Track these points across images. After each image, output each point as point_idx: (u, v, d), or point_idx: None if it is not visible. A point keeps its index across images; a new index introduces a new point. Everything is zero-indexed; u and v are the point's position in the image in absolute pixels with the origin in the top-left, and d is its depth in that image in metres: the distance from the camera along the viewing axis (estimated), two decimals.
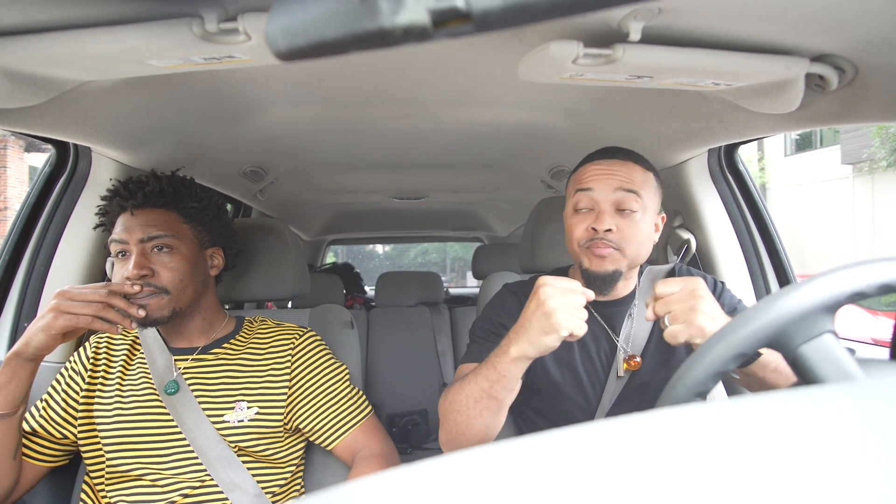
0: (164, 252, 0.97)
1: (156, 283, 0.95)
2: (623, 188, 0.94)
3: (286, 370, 1.07)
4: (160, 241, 0.97)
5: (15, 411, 0.90)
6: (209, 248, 1.07)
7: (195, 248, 1.02)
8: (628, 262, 0.96)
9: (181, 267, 0.98)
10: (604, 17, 0.76)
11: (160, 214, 0.99)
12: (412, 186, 2.52)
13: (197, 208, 1.03)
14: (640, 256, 0.98)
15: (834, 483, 0.21)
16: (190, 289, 1.00)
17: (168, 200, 1.00)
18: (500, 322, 1.03)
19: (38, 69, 0.77)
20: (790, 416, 0.27)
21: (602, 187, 0.95)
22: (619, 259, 0.95)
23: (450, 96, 1.25)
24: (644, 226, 0.96)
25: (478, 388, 0.84)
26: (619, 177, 0.95)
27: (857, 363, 0.48)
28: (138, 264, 0.94)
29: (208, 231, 1.06)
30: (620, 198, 0.95)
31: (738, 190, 1.43)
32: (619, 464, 0.23)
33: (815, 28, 0.77)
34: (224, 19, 0.69)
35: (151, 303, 0.94)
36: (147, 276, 0.94)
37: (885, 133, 9.05)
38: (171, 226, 0.99)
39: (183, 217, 1.02)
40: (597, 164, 0.98)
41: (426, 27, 0.26)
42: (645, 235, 0.97)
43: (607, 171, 0.96)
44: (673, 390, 0.52)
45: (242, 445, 1.00)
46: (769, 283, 1.41)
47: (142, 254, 0.95)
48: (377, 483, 0.23)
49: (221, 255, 1.09)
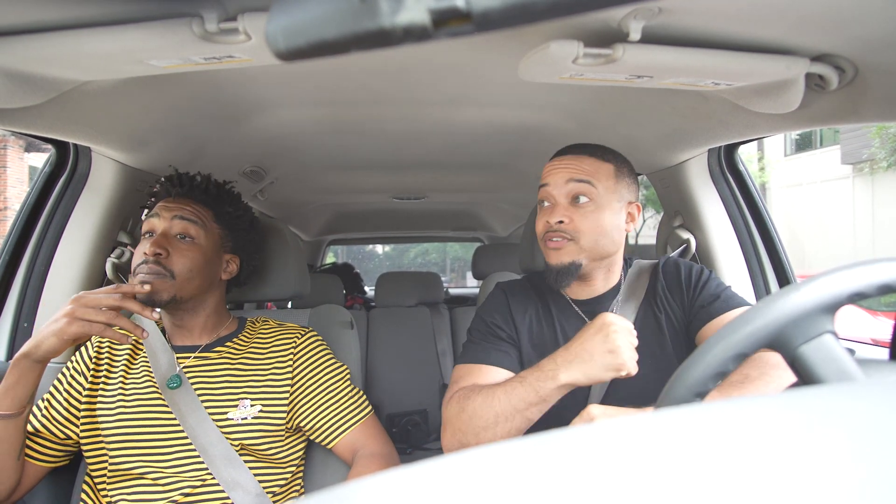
0: (184, 241, 1.02)
1: (166, 265, 0.98)
2: (574, 178, 0.96)
3: (288, 369, 1.07)
4: (187, 225, 1.02)
5: (21, 412, 0.91)
6: (229, 253, 1.10)
7: (216, 247, 1.06)
8: (588, 254, 0.97)
9: (196, 257, 1.02)
10: (604, 17, 0.76)
11: (197, 206, 1.05)
12: (412, 186, 2.52)
13: (231, 214, 1.09)
14: (599, 247, 0.97)
15: (834, 483, 0.21)
16: (196, 281, 1.02)
17: (209, 198, 1.07)
18: (493, 322, 1.04)
19: (38, 69, 0.77)
20: (790, 416, 0.27)
21: (555, 181, 0.98)
22: (575, 251, 0.96)
23: (450, 96, 1.25)
24: (601, 216, 0.96)
25: (511, 407, 0.84)
26: (570, 169, 0.97)
27: (856, 363, 0.48)
28: (157, 243, 0.98)
29: (233, 239, 1.10)
30: (572, 189, 0.96)
31: (738, 190, 1.43)
32: (619, 464, 0.23)
33: (815, 28, 0.77)
34: (224, 19, 0.69)
35: (156, 282, 0.97)
36: (161, 255, 0.98)
37: (885, 133, 9.06)
38: (202, 218, 1.04)
39: (216, 217, 1.07)
40: (553, 160, 1.02)
41: (426, 27, 0.26)
42: (603, 225, 0.96)
43: (559, 166, 0.99)
44: (672, 391, 0.52)
45: (246, 443, 1.00)
46: (769, 283, 1.41)
47: (165, 234, 1.01)
48: (377, 483, 0.23)
49: (237, 265, 1.12)
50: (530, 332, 1.04)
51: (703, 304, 0.97)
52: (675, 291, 1.01)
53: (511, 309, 1.05)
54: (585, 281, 1.04)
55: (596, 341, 0.80)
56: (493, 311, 1.06)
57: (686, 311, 1.00)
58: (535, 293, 1.08)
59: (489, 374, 0.97)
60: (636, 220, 1.01)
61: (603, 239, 0.97)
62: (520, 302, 1.07)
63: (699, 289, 0.99)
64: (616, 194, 0.98)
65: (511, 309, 1.05)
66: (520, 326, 1.04)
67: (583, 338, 0.82)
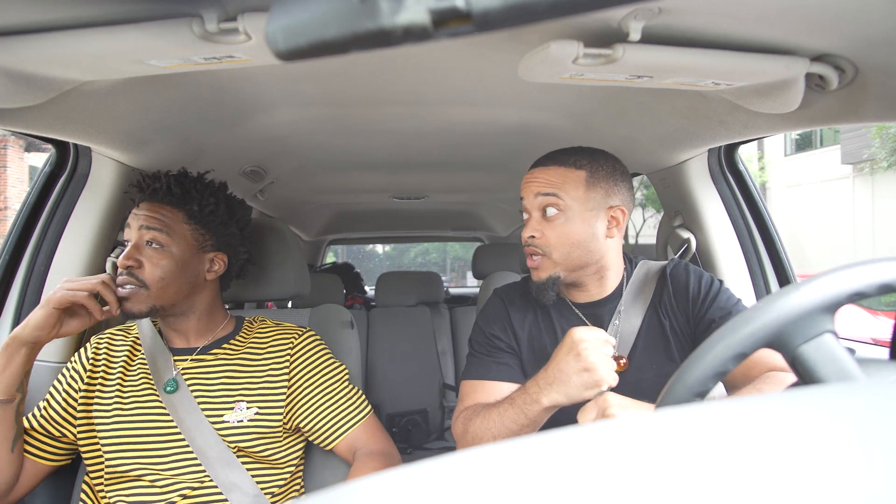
0: (153, 248, 0.99)
1: (137, 276, 0.97)
2: (541, 192, 0.95)
3: (285, 370, 1.07)
4: (153, 234, 0.99)
5: (11, 399, 0.91)
6: (211, 252, 1.06)
7: (191, 249, 1.02)
8: (563, 266, 0.96)
9: (167, 265, 0.99)
10: (604, 17, 0.76)
11: (163, 210, 1.01)
12: (412, 186, 2.51)
13: (202, 212, 1.03)
14: (572, 259, 0.95)
15: (834, 483, 0.21)
16: (172, 288, 1.00)
17: (175, 199, 1.01)
18: (491, 333, 1.03)
19: (38, 69, 0.77)
20: (790, 416, 0.27)
21: (527, 194, 0.98)
22: (550, 265, 0.95)
23: (450, 96, 1.25)
24: (570, 227, 0.94)
25: (505, 429, 0.85)
26: (538, 181, 0.97)
27: (856, 363, 0.48)
28: (128, 254, 0.97)
29: (212, 235, 1.05)
30: (541, 202, 0.96)
31: (738, 190, 1.43)
32: (619, 464, 0.23)
33: (815, 28, 0.77)
34: (224, 19, 0.69)
35: (131, 295, 0.97)
36: (133, 267, 0.97)
37: (885, 133, 9.05)
38: (169, 223, 1.00)
39: (186, 217, 1.02)
40: (528, 172, 1.00)
41: (426, 27, 0.26)
42: (573, 237, 0.94)
43: (530, 179, 0.98)
44: (672, 391, 0.52)
45: (242, 446, 1.00)
46: (769, 282, 1.41)
47: (136, 245, 0.98)
48: (377, 483, 0.23)
49: (224, 261, 1.08)
50: (530, 337, 1.04)
51: (713, 319, 0.94)
52: (682, 300, 0.98)
53: (510, 317, 1.05)
54: (578, 287, 1.02)
55: (569, 361, 0.78)
56: (491, 322, 1.05)
57: (691, 322, 0.97)
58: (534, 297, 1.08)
59: (492, 389, 0.97)
60: (621, 224, 0.98)
61: (576, 251, 0.95)
62: (518, 309, 1.06)
63: (708, 302, 0.96)
64: (589, 202, 0.95)
65: (510, 317, 1.05)
66: (519, 333, 1.03)
67: (557, 358, 0.80)
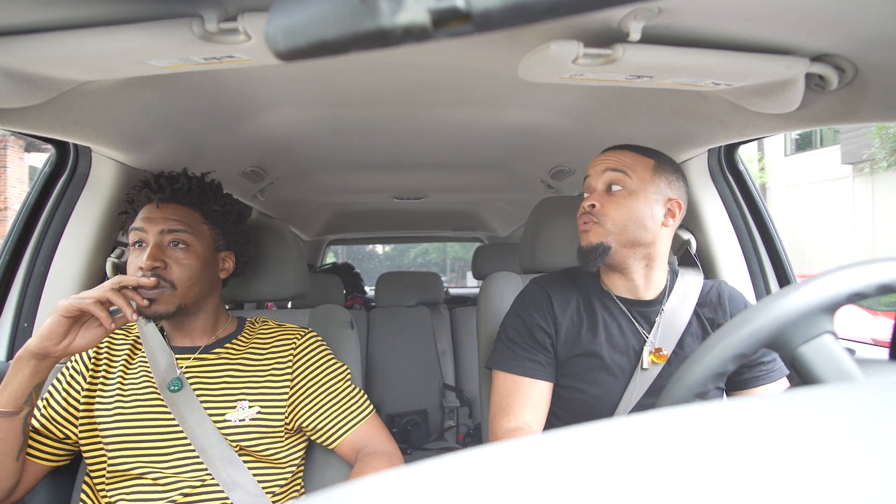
0: (179, 248, 1.00)
1: (166, 277, 0.97)
2: (610, 168, 1.02)
3: (287, 370, 1.07)
4: (178, 235, 0.99)
5: (18, 411, 0.90)
6: (223, 251, 1.09)
7: (210, 249, 1.05)
8: (615, 237, 0.99)
9: (193, 265, 1.00)
10: (604, 17, 0.76)
11: (184, 211, 1.02)
12: (412, 186, 2.52)
13: (219, 212, 1.06)
14: (627, 232, 0.99)
15: (833, 484, 0.21)
16: (197, 287, 1.01)
17: (194, 200, 1.03)
18: (532, 322, 1.05)
19: (38, 69, 0.77)
20: (789, 416, 0.27)
21: (595, 172, 1.04)
22: (602, 233, 0.99)
23: (450, 96, 1.25)
24: (632, 203, 0.99)
25: None
26: (609, 160, 1.03)
27: (856, 363, 0.48)
28: (153, 256, 0.96)
29: (225, 235, 1.08)
30: (608, 178, 1.02)
31: (738, 190, 1.43)
32: (619, 464, 0.23)
33: (815, 28, 0.77)
34: (224, 19, 0.69)
35: (159, 297, 0.96)
36: (159, 268, 0.97)
37: (885, 133, 9.05)
38: (191, 223, 1.01)
39: (204, 217, 1.04)
40: (597, 157, 1.07)
41: (426, 27, 0.26)
42: (636, 214, 0.99)
43: (601, 159, 1.05)
44: (672, 391, 0.52)
45: (244, 445, 1.00)
46: (769, 283, 1.41)
47: (158, 246, 0.98)
48: (378, 483, 0.23)
49: (233, 260, 1.11)
50: (570, 326, 1.05)
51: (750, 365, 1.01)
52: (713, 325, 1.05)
53: (553, 303, 1.06)
54: (624, 274, 1.04)
55: None
56: (532, 310, 1.06)
57: None
58: (576, 287, 1.09)
59: (522, 385, 1.02)
60: (677, 217, 1.03)
61: (632, 224, 0.99)
62: (561, 296, 1.07)
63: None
64: (653, 186, 1.00)
65: (553, 303, 1.06)
66: (560, 322, 1.05)
67: None
